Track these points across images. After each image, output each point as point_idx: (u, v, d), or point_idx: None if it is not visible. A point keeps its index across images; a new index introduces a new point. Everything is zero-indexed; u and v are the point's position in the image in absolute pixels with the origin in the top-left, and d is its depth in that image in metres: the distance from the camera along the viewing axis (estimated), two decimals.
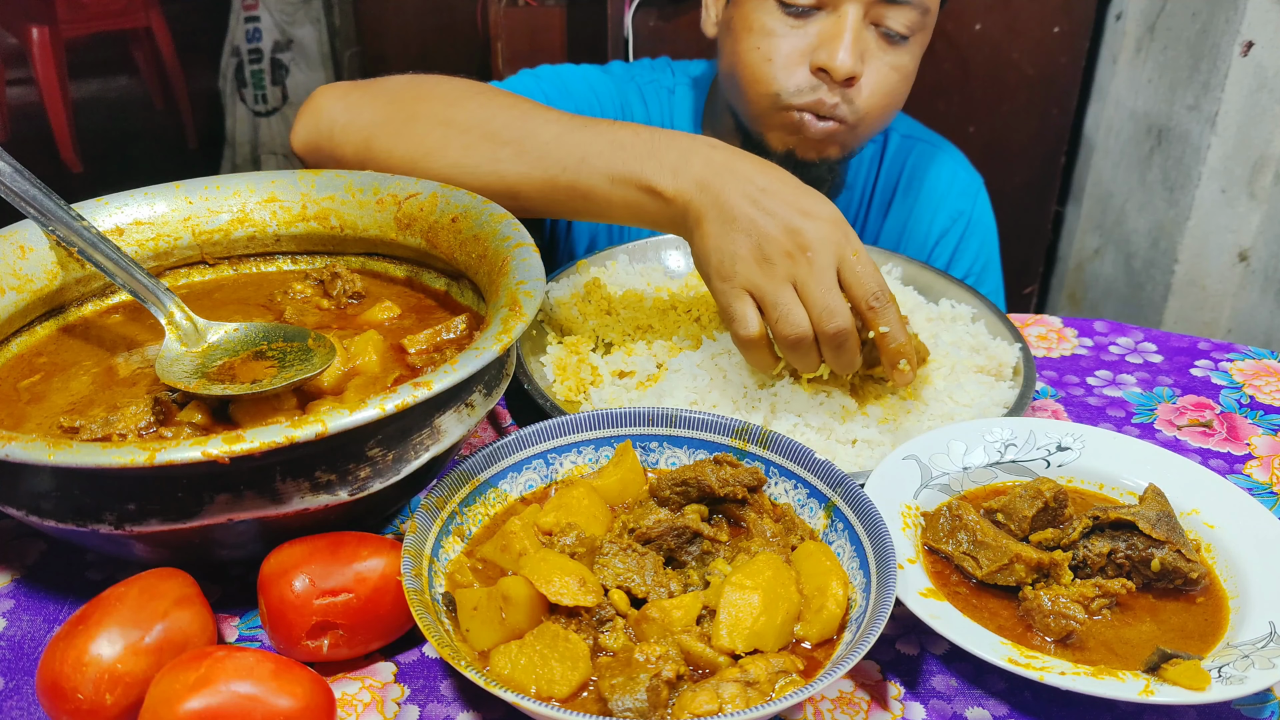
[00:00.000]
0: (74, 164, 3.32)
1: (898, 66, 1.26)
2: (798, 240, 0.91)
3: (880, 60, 1.25)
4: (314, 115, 1.11)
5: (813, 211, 0.92)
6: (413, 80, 1.12)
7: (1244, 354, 1.22)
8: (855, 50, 1.21)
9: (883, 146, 1.53)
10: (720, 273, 0.94)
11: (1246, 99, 2.01)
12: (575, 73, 1.47)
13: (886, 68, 1.25)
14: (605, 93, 1.46)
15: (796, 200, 0.93)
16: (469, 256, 0.93)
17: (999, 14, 2.29)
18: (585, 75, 1.47)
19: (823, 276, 0.90)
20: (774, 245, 0.91)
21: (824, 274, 0.91)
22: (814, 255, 0.90)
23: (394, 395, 0.69)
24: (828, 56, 1.21)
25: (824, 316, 0.91)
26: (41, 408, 0.83)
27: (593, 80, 1.46)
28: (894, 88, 1.27)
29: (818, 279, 0.90)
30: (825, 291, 0.90)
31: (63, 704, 0.65)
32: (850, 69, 1.20)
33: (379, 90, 1.11)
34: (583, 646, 0.67)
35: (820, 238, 0.91)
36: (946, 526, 0.81)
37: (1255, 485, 0.99)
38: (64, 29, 3.24)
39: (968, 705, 0.73)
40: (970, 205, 1.53)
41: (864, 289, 0.92)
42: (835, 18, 1.22)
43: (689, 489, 0.81)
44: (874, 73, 1.25)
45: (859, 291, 0.92)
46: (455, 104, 1.06)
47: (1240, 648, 0.72)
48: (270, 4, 3.56)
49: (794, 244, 0.91)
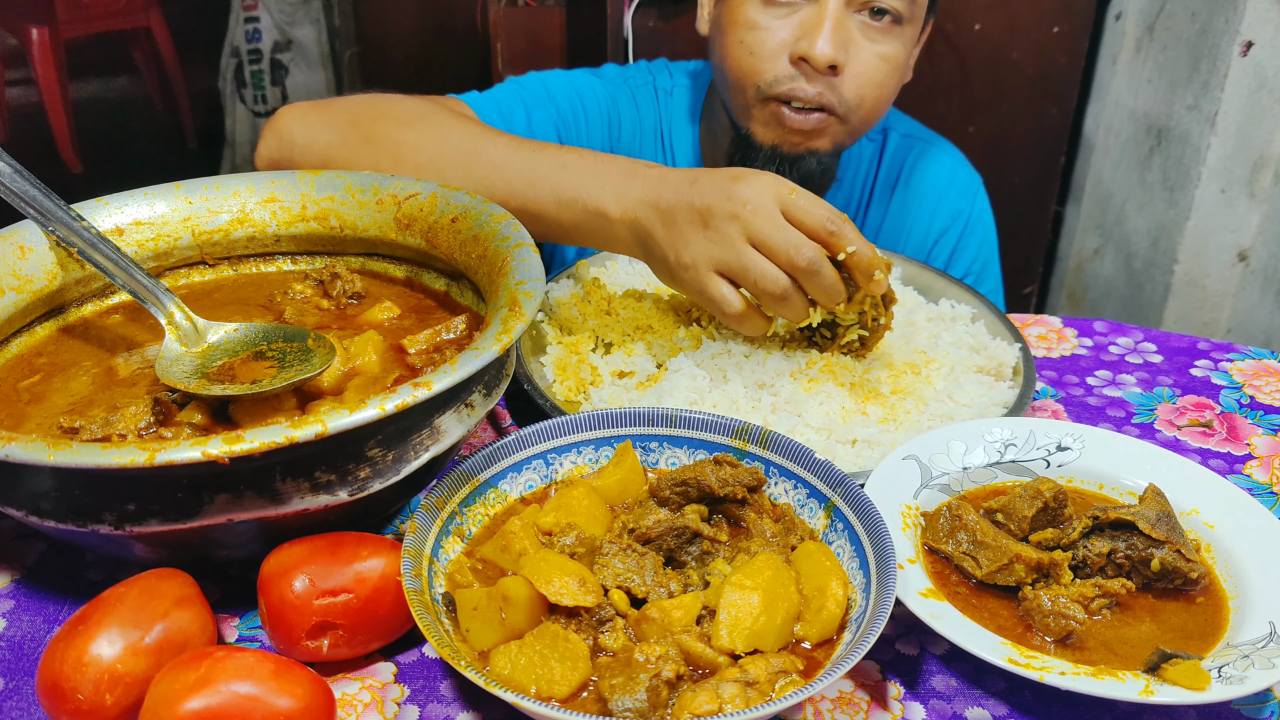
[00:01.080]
0: (74, 164, 3.32)
1: (886, 56, 1.25)
2: (734, 200, 0.93)
3: (867, 49, 1.24)
4: (276, 135, 1.15)
5: (741, 175, 0.95)
6: (370, 100, 1.16)
7: (1244, 354, 1.22)
8: (836, 39, 1.20)
9: (881, 145, 1.53)
10: (680, 264, 0.97)
11: (1246, 99, 2.01)
12: (561, 78, 1.47)
13: (873, 57, 1.25)
14: (591, 97, 1.46)
15: (724, 173, 0.96)
16: (469, 257, 0.93)
17: (999, 14, 2.29)
18: (572, 80, 1.47)
19: (772, 220, 0.93)
20: (714, 215, 0.94)
21: (772, 218, 0.93)
22: (754, 206, 0.93)
23: (394, 395, 0.69)
24: (808, 45, 1.21)
25: (792, 254, 0.93)
26: (41, 408, 0.83)
27: (579, 85, 1.46)
28: (883, 78, 1.26)
29: (769, 224, 0.93)
30: (781, 232, 0.93)
31: (63, 704, 0.65)
32: (830, 57, 1.20)
33: (337, 111, 1.15)
34: (582, 647, 0.67)
35: (755, 189, 0.94)
36: (946, 526, 0.82)
37: (1255, 485, 0.99)
38: (64, 29, 3.24)
39: (968, 705, 0.73)
40: (969, 205, 1.53)
41: (815, 218, 0.94)
42: (817, 7, 1.22)
43: (689, 489, 0.81)
44: (861, 62, 1.24)
45: (812, 222, 0.94)
46: (409, 125, 1.10)
47: (1240, 648, 0.72)
48: (270, 4, 3.56)
49: (733, 204, 0.93)
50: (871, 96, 1.27)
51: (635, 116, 1.49)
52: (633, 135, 1.48)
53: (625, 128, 1.48)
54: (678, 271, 0.98)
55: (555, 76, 1.46)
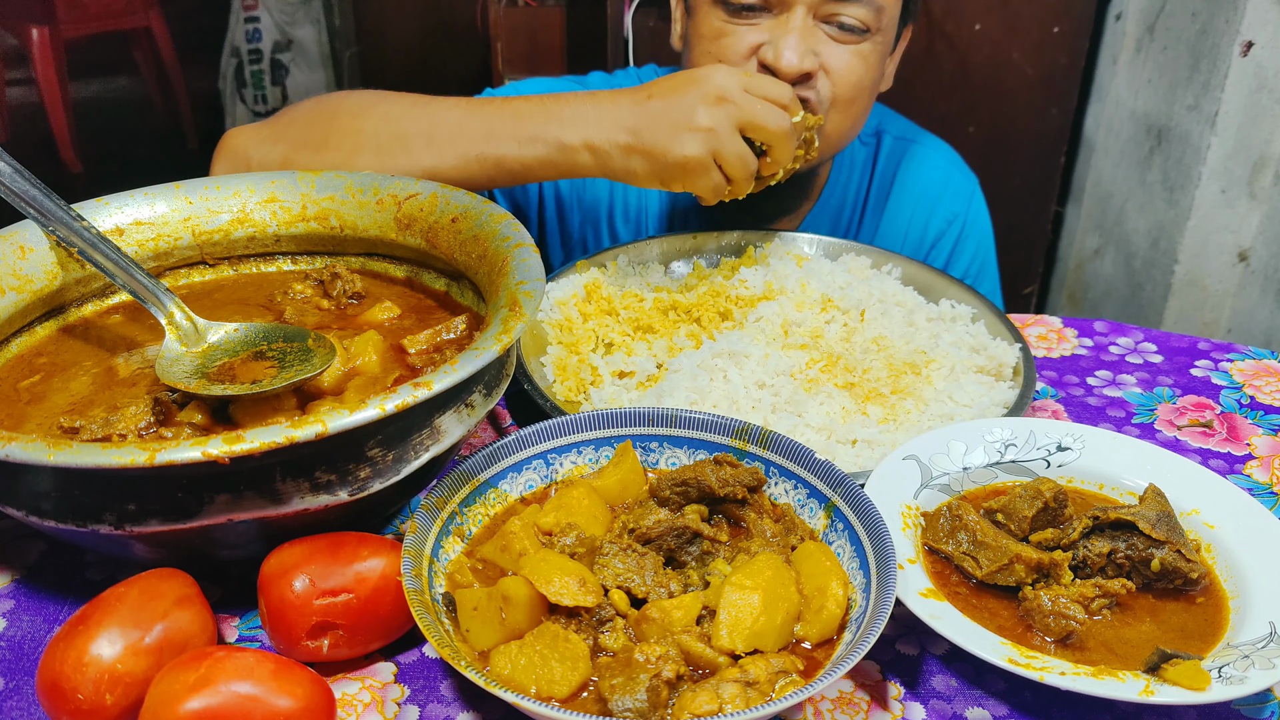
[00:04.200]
0: (74, 164, 3.32)
1: (860, 54, 1.24)
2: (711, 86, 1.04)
3: (832, 57, 1.23)
4: (230, 156, 1.17)
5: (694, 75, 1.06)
6: (321, 101, 1.19)
7: (1244, 354, 1.22)
8: (803, 47, 1.20)
9: (875, 149, 1.52)
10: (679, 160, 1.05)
11: (1246, 99, 2.01)
12: (539, 86, 1.47)
13: (847, 53, 1.23)
14: None
15: (674, 77, 1.07)
16: (469, 257, 0.93)
17: (999, 14, 2.29)
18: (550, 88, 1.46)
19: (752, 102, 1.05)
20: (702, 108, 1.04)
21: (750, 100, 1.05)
22: (733, 93, 1.04)
23: (394, 395, 0.69)
24: (774, 56, 1.20)
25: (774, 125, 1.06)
26: (41, 408, 0.83)
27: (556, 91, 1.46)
28: (858, 76, 1.25)
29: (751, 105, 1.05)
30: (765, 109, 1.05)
31: (63, 704, 0.65)
32: (797, 68, 1.19)
33: (287, 121, 1.18)
34: (583, 647, 0.67)
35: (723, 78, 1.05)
36: (946, 527, 0.82)
37: (1255, 485, 0.99)
38: (64, 29, 3.24)
39: (968, 705, 0.73)
40: (965, 207, 1.52)
41: (777, 92, 1.07)
42: (783, 18, 1.21)
43: (689, 489, 0.81)
44: (835, 58, 1.23)
45: (775, 94, 1.07)
46: (361, 114, 1.13)
47: (1240, 648, 0.72)
48: (270, 4, 3.56)
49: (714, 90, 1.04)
50: (845, 96, 1.25)
51: None
52: None
53: None
54: (672, 170, 1.05)
55: (532, 85, 1.47)
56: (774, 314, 1.11)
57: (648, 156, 1.05)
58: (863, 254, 1.27)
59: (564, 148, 1.07)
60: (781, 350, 1.07)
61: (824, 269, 1.21)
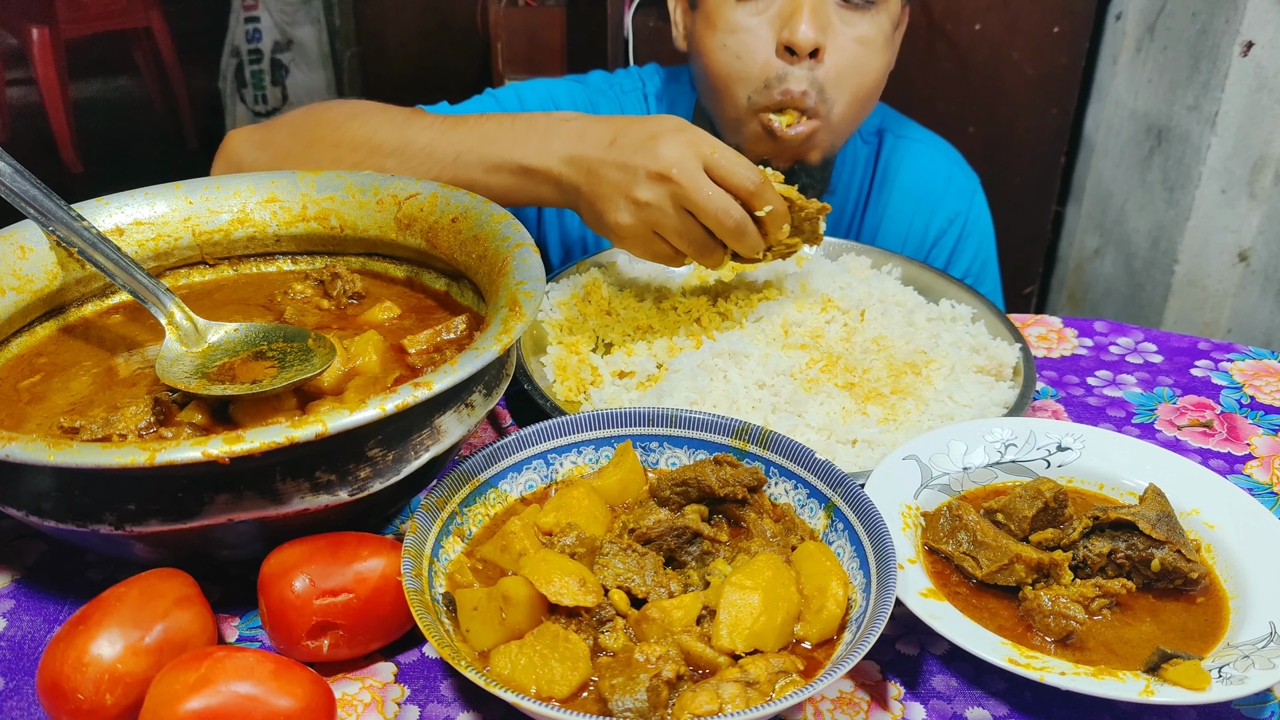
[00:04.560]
0: (74, 164, 3.32)
1: (863, 39, 1.26)
2: (660, 160, 0.97)
3: (843, 35, 1.25)
4: (225, 158, 1.19)
5: (660, 132, 0.99)
6: (308, 110, 1.20)
7: (1244, 354, 1.22)
8: (815, 22, 1.22)
9: (877, 147, 1.52)
10: (614, 225, 1.01)
11: (1246, 99, 2.01)
12: (538, 86, 1.47)
13: (850, 41, 1.25)
14: (569, 104, 1.46)
15: (643, 129, 1.00)
16: (469, 257, 0.93)
17: (999, 14, 2.29)
18: (550, 89, 1.47)
19: (699, 184, 0.97)
20: (640, 176, 0.98)
21: (698, 181, 0.97)
22: (679, 170, 0.97)
23: (394, 395, 0.69)
24: (790, 33, 1.22)
25: (720, 217, 0.98)
26: (42, 408, 0.83)
27: (556, 93, 1.46)
28: (863, 63, 1.26)
29: (697, 187, 0.97)
30: (711, 195, 0.97)
31: (63, 704, 0.65)
32: (813, 41, 1.22)
33: (279, 126, 1.20)
34: (583, 647, 0.67)
35: (678, 149, 0.97)
36: (946, 527, 0.82)
37: (1255, 485, 0.99)
38: (64, 29, 3.24)
39: (968, 705, 0.73)
40: (967, 205, 1.52)
41: (739, 177, 0.98)
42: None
43: (689, 489, 0.81)
44: (839, 48, 1.25)
45: (736, 180, 0.98)
46: (343, 126, 1.14)
47: (1240, 648, 0.72)
48: (270, 4, 3.56)
49: (659, 165, 0.97)
50: (852, 85, 1.27)
51: None
52: None
53: None
54: (611, 230, 1.02)
55: (531, 86, 1.47)
56: (774, 314, 1.11)
57: (589, 207, 1.03)
58: (862, 254, 1.27)
59: (528, 172, 1.05)
60: (781, 350, 1.07)
61: (824, 269, 1.21)
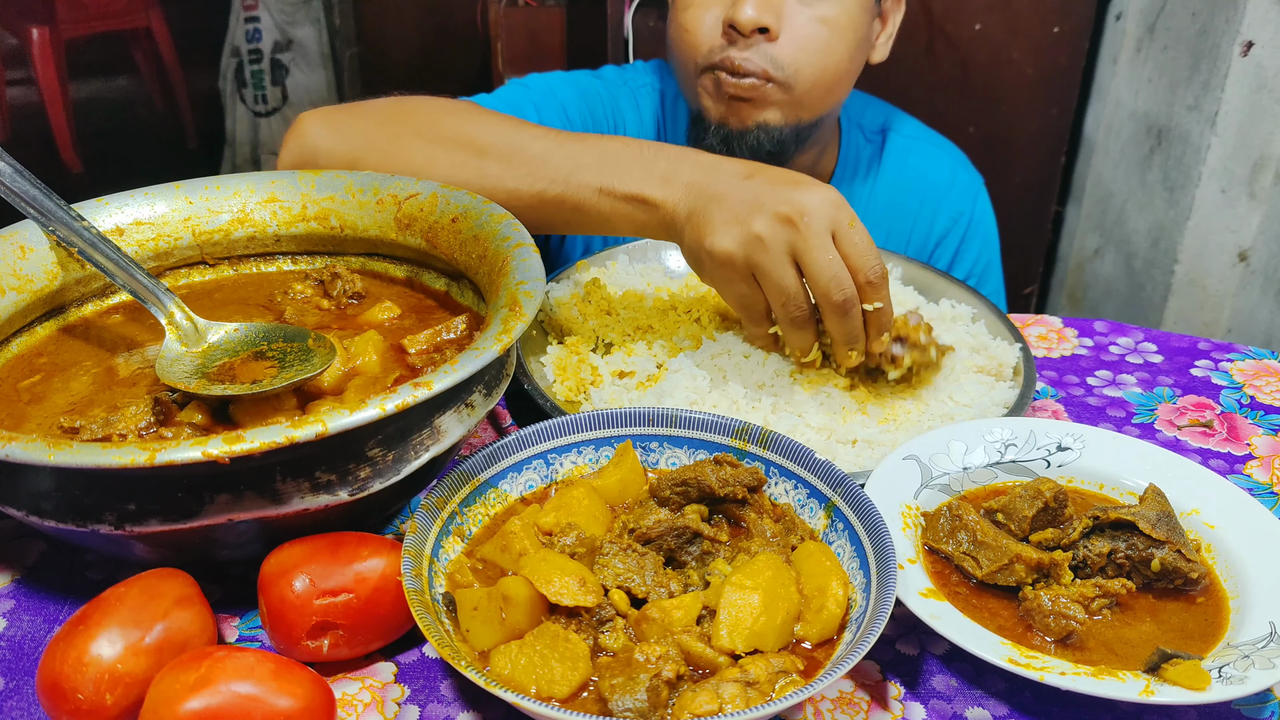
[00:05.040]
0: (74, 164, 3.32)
1: (824, 19, 1.25)
2: (792, 204, 0.89)
3: (802, 13, 1.24)
4: (299, 140, 1.11)
5: (804, 181, 0.92)
6: (397, 101, 1.13)
7: (1244, 354, 1.22)
8: (761, 2, 1.21)
9: (882, 145, 1.53)
10: (709, 249, 0.93)
11: (1246, 99, 2.01)
12: (564, 79, 1.46)
13: (809, 20, 1.24)
14: (596, 98, 1.46)
15: (786, 175, 0.93)
16: (469, 257, 0.93)
17: (999, 14, 2.29)
18: (575, 81, 1.47)
19: (822, 243, 0.89)
20: (765, 213, 0.90)
21: (822, 240, 0.89)
22: (809, 220, 0.89)
23: (394, 395, 0.69)
24: (735, 12, 1.22)
25: (830, 286, 0.90)
26: (42, 408, 0.83)
27: (583, 86, 1.46)
28: (823, 42, 1.25)
29: (818, 245, 0.89)
30: (828, 261, 0.89)
31: (63, 704, 0.65)
32: (754, 20, 1.21)
33: (363, 113, 1.12)
34: (583, 647, 0.67)
35: (814, 202, 0.89)
36: (946, 526, 0.82)
37: (1255, 485, 0.99)
38: (64, 29, 3.24)
39: (968, 705, 0.73)
40: (971, 206, 1.52)
41: (864, 259, 0.91)
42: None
43: (689, 489, 0.81)
44: (796, 26, 1.24)
45: (859, 261, 0.90)
46: (440, 122, 1.07)
47: (1240, 648, 0.72)
48: (270, 4, 3.56)
49: (789, 209, 0.89)
50: (812, 63, 1.25)
51: (638, 117, 1.49)
52: (637, 135, 1.48)
53: (629, 129, 1.48)
54: (703, 256, 0.95)
55: (558, 78, 1.46)
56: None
57: (694, 231, 0.95)
58: None
59: (643, 203, 0.98)
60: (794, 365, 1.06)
61: None
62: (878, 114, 1.54)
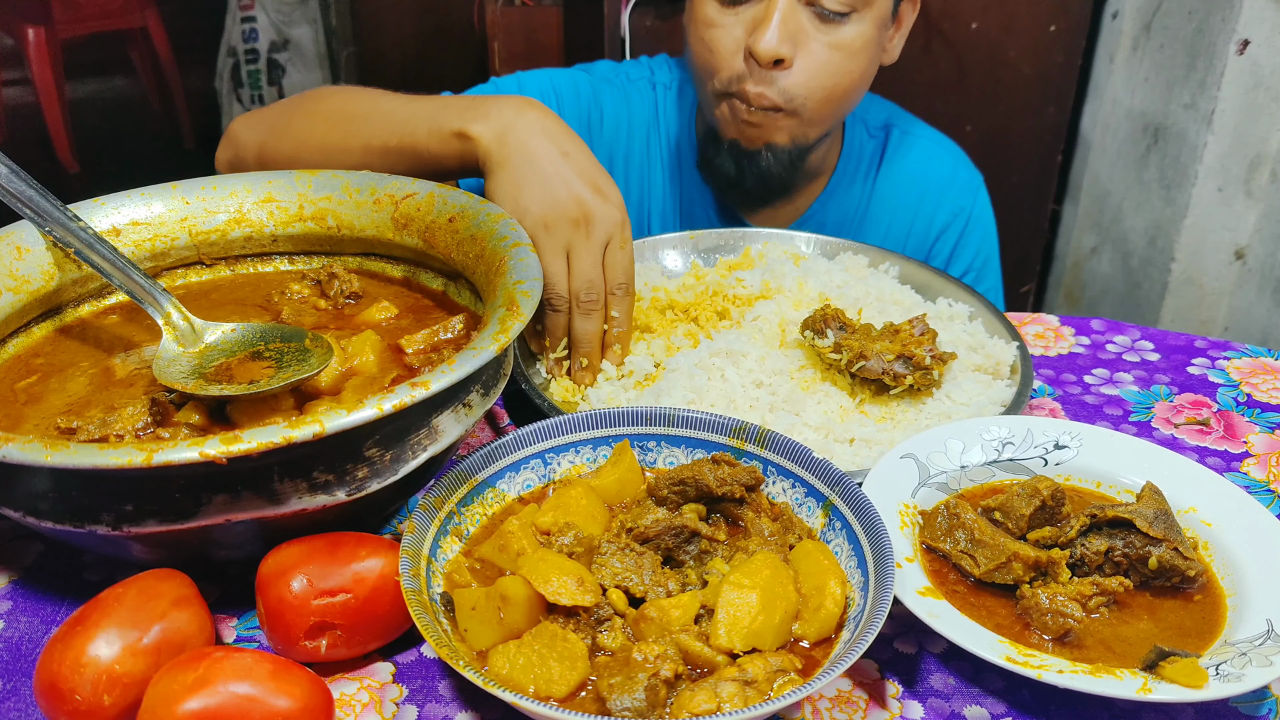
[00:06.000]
0: (70, 164, 3.32)
1: (838, 44, 1.27)
2: (584, 210, 1.00)
3: (816, 41, 1.26)
4: (228, 140, 1.26)
5: (604, 189, 1.02)
6: (303, 94, 1.26)
7: (1241, 352, 1.22)
8: (782, 32, 1.23)
9: (883, 142, 1.53)
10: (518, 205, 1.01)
11: (1243, 97, 2.02)
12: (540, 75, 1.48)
13: (823, 47, 1.26)
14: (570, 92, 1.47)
15: (592, 174, 1.02)
16: (466, 256, 0.93)
17: (996, 13, 2.30)
18: (551, 77, 1.48)
19: (593, 252, 1.01)
20: (562, 210, 0.99)
21: (595, 250, 1.01)
22: (592, 229, 1.00)
23: (391, 395, 0.68)
24: (754, 41, 1.24)
25: (584, 288, 1.02)
26: (39, 409, 0.82)
27: (557, 81, 1.48)
28: (836, 66, 1.28)
29: (589, 252, 1.01)
30: (591, 266, 1.01)
31: (61, 705, 0.65)
32: (774, 51, 1.23)
33: (275, 106, 1.26)
34: (581, 646, 0.67)
35: (603, 215, 1.00)
36: (944, 525, 0.82)
37: (1252, 483, 0.99)
38: (60, 29, 3.24)
39: (966, 704, 0.74)
40: (970, 202, 1.53)
41: (617, 274, 1.03)
42: (766, 3, 1.25)
43: (687, 488, 0.81)
44: (808, 55, 1.26)
45: (612, 275, 1.03)
46: (326, 99, 1.21)
47: (1238, 645, 0.72)
48: (267, 4, 3.56)
49: (579, 213, 1.00)
50: (823, 87, 1.28)
51: (624, 110, 1.50)
52: (615, 128, 1.51)
53: (606, 121, 1.50)
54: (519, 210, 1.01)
55: (531, 75, 1.49)
56: (771, 313, 1.11)
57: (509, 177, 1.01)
58: (860, 253, 1.27)
59: (463, 138, 1.05)
60: (779, 349, 1.07)
61: (821, 268, 1.21)
62: (881, 111, 1.55)
